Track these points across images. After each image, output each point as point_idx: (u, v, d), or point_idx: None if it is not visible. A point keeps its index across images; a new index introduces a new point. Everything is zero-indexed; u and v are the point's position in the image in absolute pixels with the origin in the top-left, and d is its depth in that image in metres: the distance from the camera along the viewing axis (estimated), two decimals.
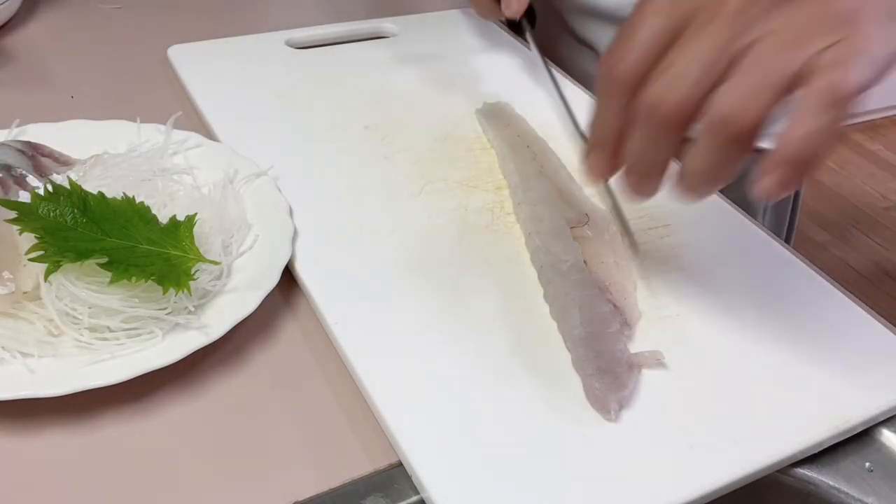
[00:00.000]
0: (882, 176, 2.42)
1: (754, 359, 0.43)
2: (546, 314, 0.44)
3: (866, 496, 0.39)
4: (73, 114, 0.56)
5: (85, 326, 0.40)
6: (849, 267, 2.06)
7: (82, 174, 0.49)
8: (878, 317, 0.46)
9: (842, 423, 0.39)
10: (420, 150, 0.57)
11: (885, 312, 0.47)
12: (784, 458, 0.38)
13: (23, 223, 0.40)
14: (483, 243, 0.49)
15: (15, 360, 0.39)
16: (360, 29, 0.73)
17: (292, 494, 0.36)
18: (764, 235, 0.52)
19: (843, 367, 0.42)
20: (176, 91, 0.64)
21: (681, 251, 0.49)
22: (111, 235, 0.41)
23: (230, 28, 0.72)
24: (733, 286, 0.47)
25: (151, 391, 0.40)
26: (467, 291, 0.45)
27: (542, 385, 0.40)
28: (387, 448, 0.38)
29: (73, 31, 0.73)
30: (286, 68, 0.67)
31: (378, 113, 0.61)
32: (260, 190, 0.51)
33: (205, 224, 0.46)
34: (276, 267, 0.44)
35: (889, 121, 2.65)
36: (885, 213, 2.27)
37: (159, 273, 0.41)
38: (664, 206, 0.53)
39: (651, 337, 0.43)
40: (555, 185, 0.52)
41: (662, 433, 0.38)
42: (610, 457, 0.37)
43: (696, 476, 0.36)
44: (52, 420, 0.38)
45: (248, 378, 0.42)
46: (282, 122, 0.59)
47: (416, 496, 0.36)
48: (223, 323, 0.41)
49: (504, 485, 0.35)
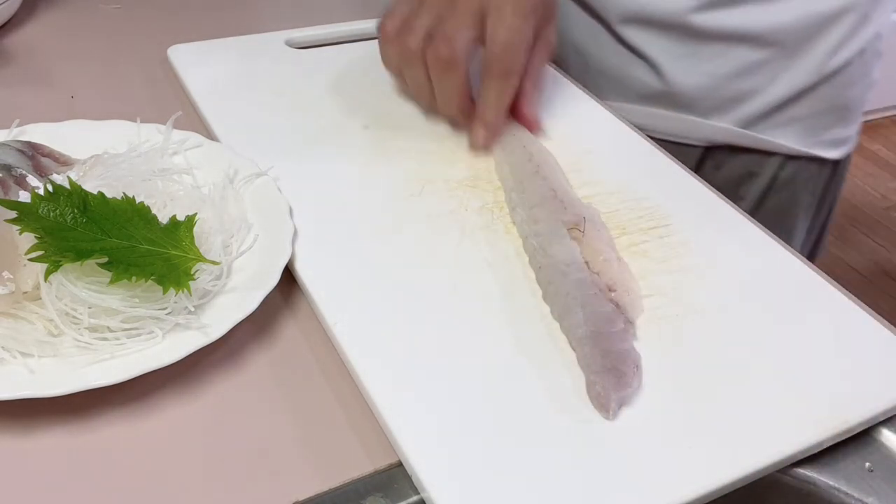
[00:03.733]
0: (882, 176, 2.42)
1: (754, 359, 0.42)
2: (547, 314, 0.44)
3: (866, 496, 0.39)
4: (73, 114, 0.56)
5: (85, 326, 0.40)
6: (849, 267, 2.06)
7: (82, 174, 0.49)
8: (878, 317, 0.46)
9: (842, 423, 0.39)
10: (420, 150, 0.57)
11: (885, 312, 0.47)
12: (784, 458, 0.38)
13: (23, 223, 0.40)
14: (483, 243, 0.49)
15: (15, 360, 0.39)
16: (360, 29, 0.73)
17: (292, 494, 0.36)
18: (764, 235, 0.52)
19: (843, 367, 0.43)
20: (176, 91, 0.64)
21: (681, 251, 0.49)
22: (111, 235, 0.41)
23: (230, 28, 0.72)
24: (733, 286, 0.47)
25: (151, 391, 0.40)
26: (467, 291, 0.45)
27: (542, 385, 0.40)
28: (387, 448, 0.38)
29: (73, 31, 0.73)
30: (286, 68, 0.67)
31: (378, 113, 0.61)
32: (260, 190, 0.51)
33: (205, 224, 0.46)
34: (276, 267, 0.44)
35: (889, 121, 2.65)
36: (885, 213, 2.27)
37: (159, 273, 0.41)
38: (664, 206, 0.53)
39: (651, 337, 0.43)
40: (550, 186, 0.52)
41: (662, 433, 0.38)
42: (610, 457, 0.37)
43: (696, 476, 0.36)
44: (52, 420, 0.38)
45: (247, 378, 0.42)
46: (282, 122, 0.59)
47: (416, 496, 0.36)
48: (223, 323, 0.41)
49: (504, 485, 0.35)
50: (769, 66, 0.70)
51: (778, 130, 0.73)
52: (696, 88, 0.72)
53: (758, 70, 0.70)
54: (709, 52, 0.70)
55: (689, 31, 0.70)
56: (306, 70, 0.66)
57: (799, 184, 0.76)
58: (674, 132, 0.74)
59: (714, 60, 0.70)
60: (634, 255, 0.49)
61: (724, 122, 0.72)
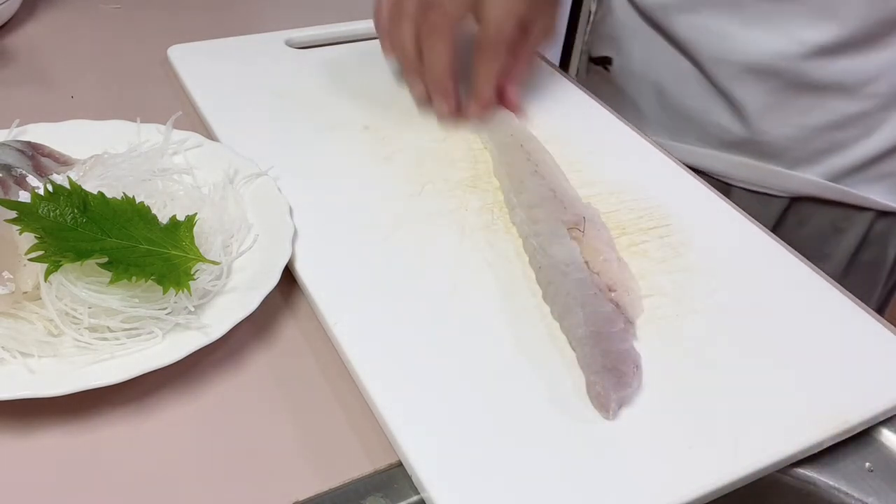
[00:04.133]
0: None
1: (754, 359, 0.42)
2: (547, 314, 0.44)
3: (866, 496, 0.39)
4: (73, 114, 0.56)
5: (85, 326, 0.40)
6: None
7: (82, 174, 0.49)
8: (878, 317, 0.46)
9: (842, 423, 0.39)
10: (420, 150, 0.57)
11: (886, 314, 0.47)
12: (784, 458, 0.38)
13: (23, 223, 0.40)
14: (483, 243, 0.49)
15: (15, 360, 0.39)
16: (360, 29, 0.73)
17: (292, 494, 0.36)
18: (764, 235, 0.52)
19: (843, 367, 0.43)
20: (176, 91, 0.64)
21: (681, 251, 0.49)
22: (111, 235, 0.41)
23: (230, 28, 0.72)
24: (733, 286, 0.47)
25: (151, 391, 0.40)
26: (467, 291, 0.45)
27: (542, 385, 0.40)
28: (387, 448, 0.38)
29: (73, 31, 0.73)
30: (286, 68, 0.67)
31: (378, 113, 0.61)
32: (260, 190, 0.51)
33: (205, 224, 0.46)
34: (276, 267, 0.44)
35: None
36: None
37: (159, 273, 0.41)
38: (664, 206, 0.53)
39: (651, 337, 0.43)
40: (549, 186, 0.52)
41: (662, 433, 0.38)
42: (610, 457, 0.37)
43: (696, 476, 0.36)
44: (52, 420, 0.38)
45: (247, 378, 0.42)
46: (282, 122, 0.59)
47: (416, 496, 0.36)
48: (223, 323, 0.41)
49: (504, 484, 0.35)
50: (865, 118, 0.66)
51: (869, 185, 0.69)
52: (785, 139, 0.68)
53: (853, 123, 0.67)
54: (803, 104, 0.67)
55: (785, 78, 0.66)
56: (306, 70, 0.66)
57: (891, 241, 0.72)
58: (756, 182, 0.71)
59: (808, 112, 0.67)
60: (634, 255, 0.49)
61: (811, 174, 0.69)
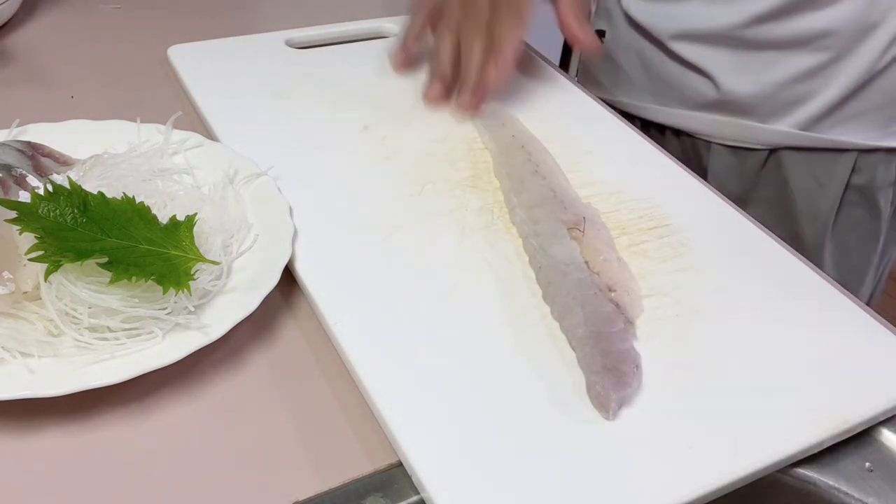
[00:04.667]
0: None
1: (754, 359, 0.42)
2: (547, 314, 0.44)
3: (866, 496, 0.39)
4: (73, 114, 0.56)
5: (85, 326, 0.40)
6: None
7: (82, 174, 0.49)
8: (879, 317, 0.46)
9: (842, 423, 0.39)
10: (420, 150, 0.57)
11: (885, 312, 0.47)
12: (784, 458, 0.38)
13: (23, 223, 0.40)
14: (483, 243, 0.49)
15: (15, 360, 0.39)
16: (360, 29, 0.73)
17: (292, 494, 0.36)
18: (764, 235, 0.52)
19: (843, 367, 0.43)
20: (176, 91, 0.64)
21: (681, 251, 0.49)
22: (111, 235, 0.41)
23: (230, 28, 0.72)
24: (733, 286, 0.47)
25: (151, 391, 0.40)
26: (467, 291, 0.45)
27: (542, 385, 0.40)
28: (387, 448, 0.38)
29: (73, 31, 0.73)
30: (286, 68, 0.67)
31: (378, 113, 0.61)
32: (260, 190, 0.51)
33: (205, 224, 0.46)
34: (276, 267, 0.44)
35: None
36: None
37: (159, 273, 0.41)
38: (664, 206, 0.53)
39: (651, 337, 0.43)
40: (549, 186, 0.52)
41: (662, 433, 0.38)
42: (610, 457, 0.37)
43: (696, 476, 0.36)
44: (52, 420, 0.38)
45: (248, 378, 0.42)
46: (282, 122, 0.59)
47: (416, 496, 0.36)
48: (223, 323, 0.41)
49: (504, 484, 0.35)
50: (823, 70, 0.70)
51: (839, 128, 0.72)
52: (752, 97, 0.72)
53: (813, 74, 0.70)
54: (762, 61, 0.71)
55: (740, 43, 0.70)
56: (306, 70, 0.66)
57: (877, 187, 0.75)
58: (734, 137, 0.75)
59: (768, 69, 0.71)
60: (634, 255, 0.49)
61: (783, 125, 0.73)
